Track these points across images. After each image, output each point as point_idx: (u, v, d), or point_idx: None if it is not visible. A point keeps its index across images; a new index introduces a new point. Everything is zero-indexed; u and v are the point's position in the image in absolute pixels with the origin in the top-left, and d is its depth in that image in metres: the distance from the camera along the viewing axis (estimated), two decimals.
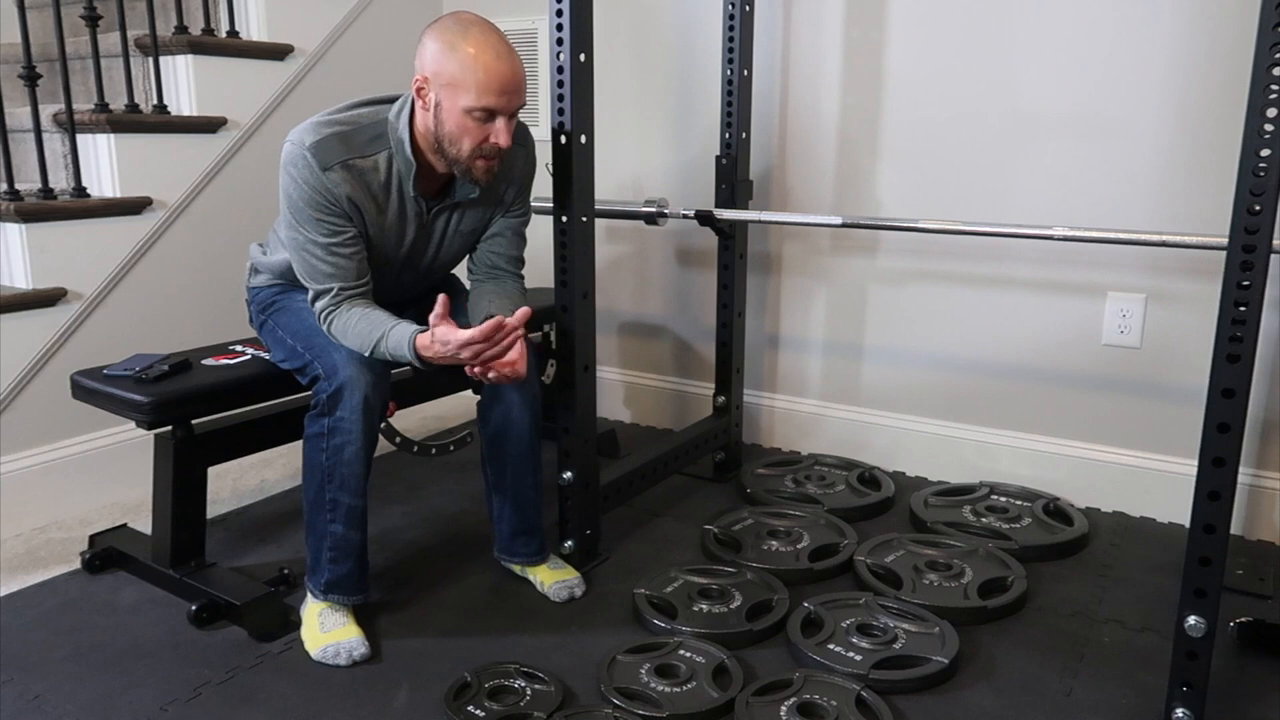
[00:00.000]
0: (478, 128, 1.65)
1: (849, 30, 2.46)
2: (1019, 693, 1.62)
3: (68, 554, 2.10)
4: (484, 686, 1.60)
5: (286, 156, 1.67)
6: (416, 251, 1.84)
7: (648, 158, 2.82)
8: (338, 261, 1.69)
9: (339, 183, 1.66)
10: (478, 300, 1.85)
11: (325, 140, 1.66)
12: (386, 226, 1.75)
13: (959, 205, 2.37)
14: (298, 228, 1.68)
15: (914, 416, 2.56)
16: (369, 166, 1.69)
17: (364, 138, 1.69)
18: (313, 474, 1.72)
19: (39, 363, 2.27)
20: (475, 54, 1.61)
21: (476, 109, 1.62)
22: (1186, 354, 2.19)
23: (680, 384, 2.91)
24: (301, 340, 1.79)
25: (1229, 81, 2.04)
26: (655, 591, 1.88)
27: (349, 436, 1.67)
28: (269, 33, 2.73)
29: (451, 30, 1.63)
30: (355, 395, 1.66)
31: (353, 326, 1.69)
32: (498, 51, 1.62)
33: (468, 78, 1.61)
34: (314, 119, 1.70)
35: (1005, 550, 2.04)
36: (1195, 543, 1.37)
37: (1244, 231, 1.28)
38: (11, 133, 2.25)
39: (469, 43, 1.61)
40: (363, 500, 1.75)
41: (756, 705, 1.53)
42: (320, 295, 1.71)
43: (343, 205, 1.67)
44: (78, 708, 1.58)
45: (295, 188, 1.66)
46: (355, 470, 1.71)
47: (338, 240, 1.68)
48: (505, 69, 1.62)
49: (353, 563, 1.77)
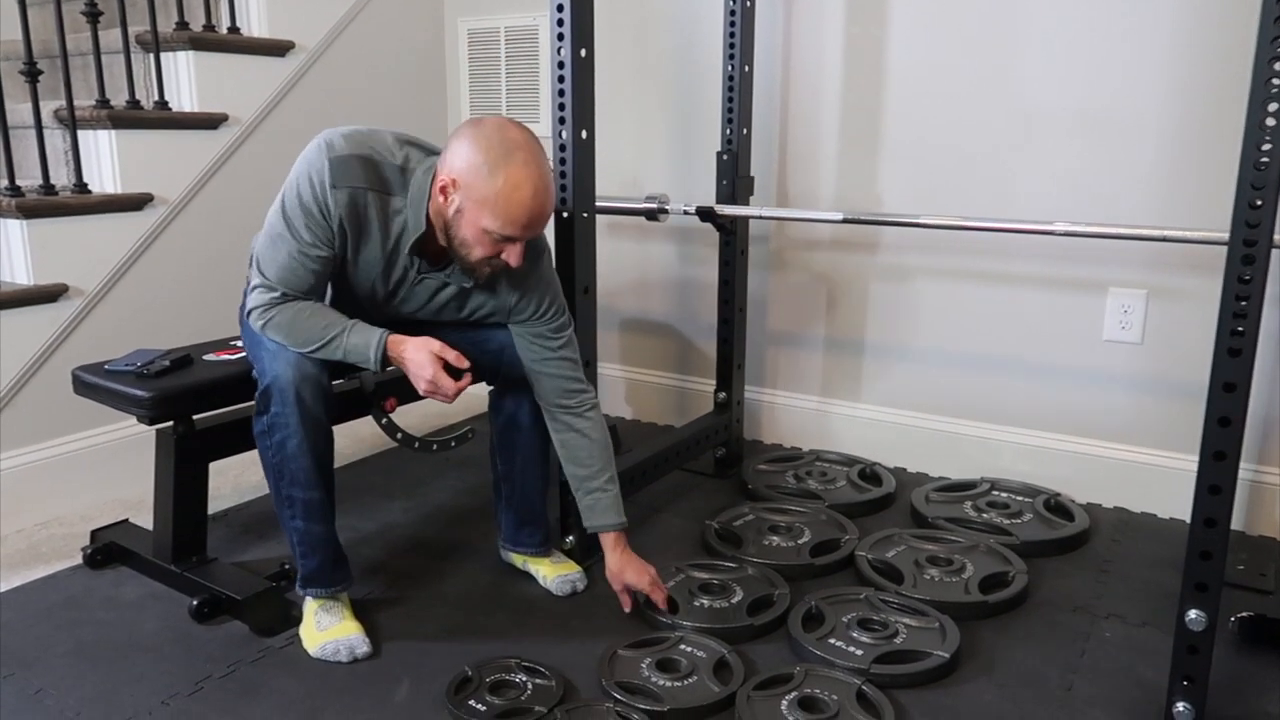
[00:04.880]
0: (493, 244, 1.60)
1: (850, 26, 2.45)
2: (1020, 687, 1.62)
3: (69, 549, 2.10)
4: (485, 681, 1.60)
5: (310, 150, 1.62)
6: (399, 302, 1.76)
7: (648, 154, 2.82)
8: (298, 270, 1.62)
9: (340, 202, 1.59)
10: (569, 465, 1.84)
11: (349, 160, 1.60)
12: (361, 261, 1.67)
13: (960, 201, 2.37)
14: (285, 217, 1.62)
15: (915, 412, 2.56)
16: (373, 202, 1.62)
17: (389, 175, 1.63)
18: (268, 473, 1.71)
19: (41, 358, 2.27)
20: (515, 188, 1.55)
21: (498, 234, 1.58)
22: (1187, 349, 2.19)
23: (681, 380, 2.92)
24: (249, 339, 1.76)
25: (1230, 77, 2.03)
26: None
27: (287, 430, 1.64)
28: (270, 29, 2.73)
29: (495, 148, 1.55)
30: (286, 390, 1.62)
31: (301, 321, 1.63)
32: (536, 188, 1.56)
33: (499, 207, 1.55)
34: (355, 129, 1.64)
35: (1006, 546, 2.04)
36: (1196, 537, 1.37)
37: (1245, 226, 1.28)
38: (13, 129, 2.25)
39: (511, 172, 1.55)
40: (318, 493, 1.70)
41: (757, 699, 1.53)
42: (260, 288, 1.64)
43: (333, 225, 1.61)
44: (79, 702, 1.58)
45: (302, 185, 1.60)
46: (302, 464, 1.67)
47: (312, 254, 1.62)
48: (539, 206, 1.58)
49: (321, 555, 1.75)
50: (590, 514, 1.86)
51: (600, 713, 1.51)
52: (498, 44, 3.02)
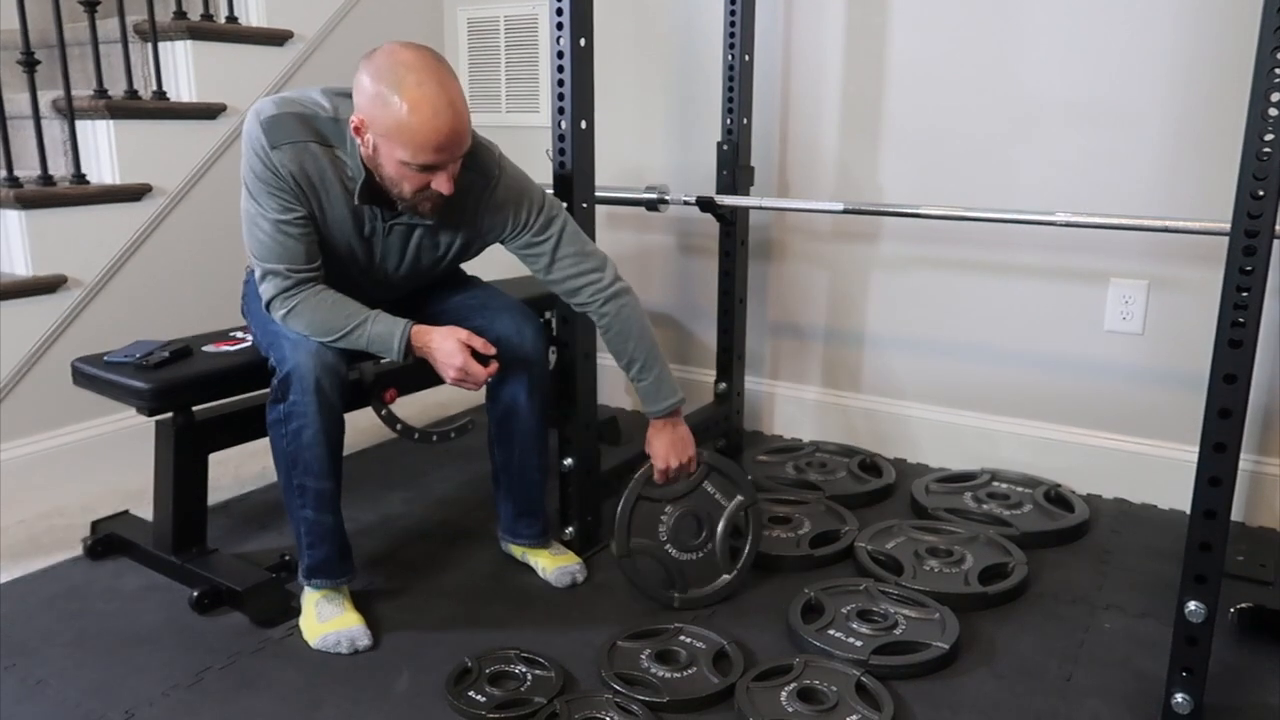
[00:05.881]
0: (417, 176, 1.57)
1: (851, 15, 2.44)
2: (1019, 678, 1.63)
3: (70, 540, 2.11)
4: (485, 672, 1.60)
5: (245, 125, 1.62)
6: (380, 260, 1.76)
7: (648, 144, 2.81)
8: (284, 241, 1.62)
9: (285, 161, 1.59)
10: (624, 356, 1.86)
11: (281, 118, 1.60)
12: (330, 221, 1.67)
13: (961, 191, 2.36)
14: (251, 199, 1.63)
15: (915, 403, 2.56)
16: (320, 155, 1.62)
17: (324, 127, 1.62)
18: (279, 462, 1.71)
19: (40, 349, 2.27)
20: (410, 112, 1.50)
21: (413, 164, 1.55)
22: (1188, 340, 2.19)
23: (681, 371, 2.91)
24: (261, 328, 1.77)
25: (1232, 67, 2.03)
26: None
27: (305, 420, 1.64)
28: (268, 18, 2.72)
29: (386, 76, 1.52)
30: (306, 378, 1.62)
31: (324, 310, 1.65)
32: (435, 107, 1.51)
33: (404, 135, 1.51)
34: (283, 93, 1.65)
35: (1006, 537, 2.04)
36: (1196, 528, 1.37)
37: (1247, 216, 1.28)
38: (10, 119, 2.25)
39: (404, 96, 1.50)
40: (330, 483, 1.71)
41: (757, 690, 1.53)
42: (269, 276, 1.65)
43: (290, 184, 1.60)
44: (80, 692, 1.59)
45: (249, 159, 1.61)
46: (317, 453, 1.67)
47: (287, 219, 1.62)
48: (443, 125, 1.52)
49: (329, 546, 1.75)
50: (642, 402, 1.90)
51: (600, 704, 1.51)
52: (497, 33, 3.01)
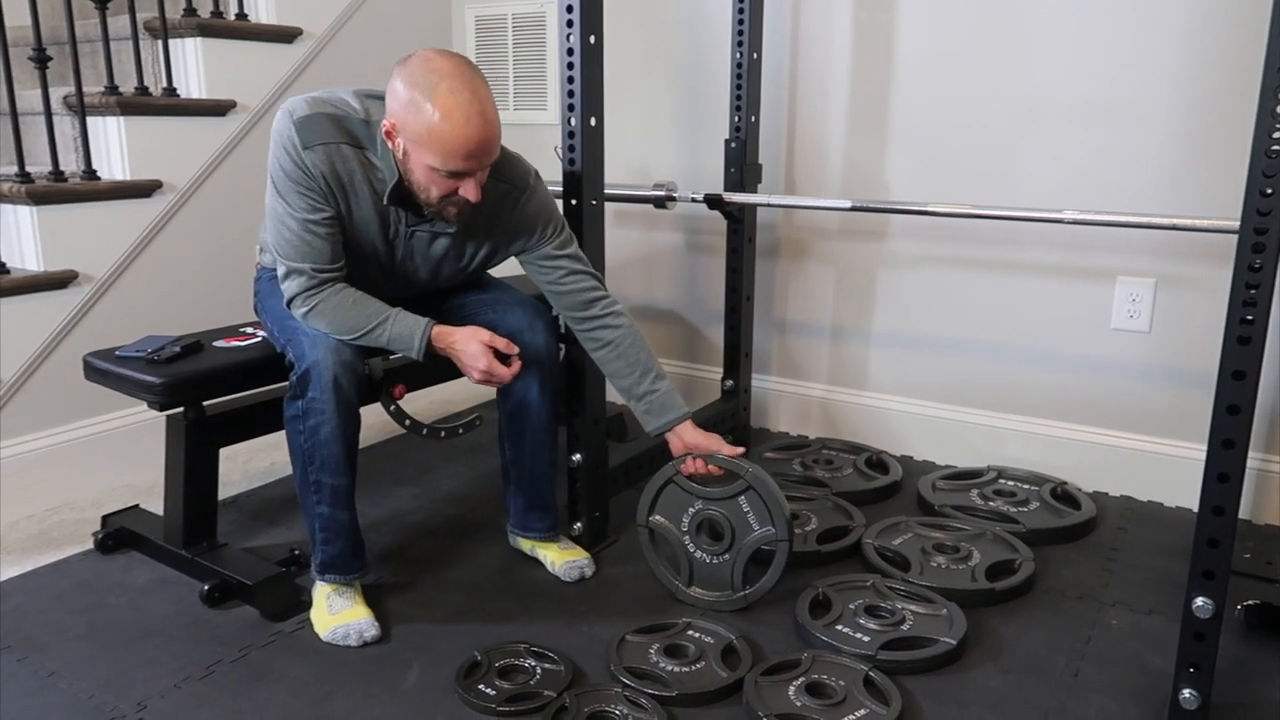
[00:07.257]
0: (446, 182, 1.59)
1: (859, 13, 2.45)
2: (1026, 674, 1.63)
3: (80, 534, 2.12)
4: (494, 666, 1.61)
5: (276, 123, 1.63)
6: (401, 263, 1.77)
7: (656, 141, 2.82)
8: (311, 240, 1.63)
9: (317, 162, 1.60)
10: (617, 375, 1.84)
11: (315, 118, 1.61)
12: (357, 221, 1.69)
13: (968, 189, 2.36)
14: (279, 197, 1.64)
15: (922, 400, 2.57)
16: (351, 157, 1.63)
17: (356, 129, 1.63)
18: (295, 457, 1.72)
19: (51, 345, 2.28)
20: (441, 119, 1.52)
21: (442, 170, 1.57)
22: (1196, 338, 2.19)
23: (688, 368, 2.92)
24: (278, 324, 1.77)
25: (1241, 64, 2.02)
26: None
27: (322, 416, 1.65)
28: (278, 15, 2.73)
29: (420, 83, 1.53)
30: (325, 375, 1.63)
31: (345, 309, 1.66)
32: (467, 115, 1.52)
33: (435, 142, 1.53)
34: (316, 93, 1.66)
35: (1013, 533, 2.05)
36: (1204, 524, 1.37)
37: (1256, 214, 1.28)
38: (22, 115, 2.26)
39: (436, 103, 1.52)
40: (346, 479, 1.72)
41: (765, 685, 1.54)
42: (292, 274, 1.66)
43: (320, 184, 1.61)
44: (91, 685, 1.60)
45: (279, 157, 1.62)
46: (334, 450, 1.68)
47: (316, 219, 1.63)
48: (474, 134, 1.54)
49: (344, 542, 1.76)
50: (644, 420, 1.87)
51: (609, 697, 1.52)
52: (505, 30, 3.01)
